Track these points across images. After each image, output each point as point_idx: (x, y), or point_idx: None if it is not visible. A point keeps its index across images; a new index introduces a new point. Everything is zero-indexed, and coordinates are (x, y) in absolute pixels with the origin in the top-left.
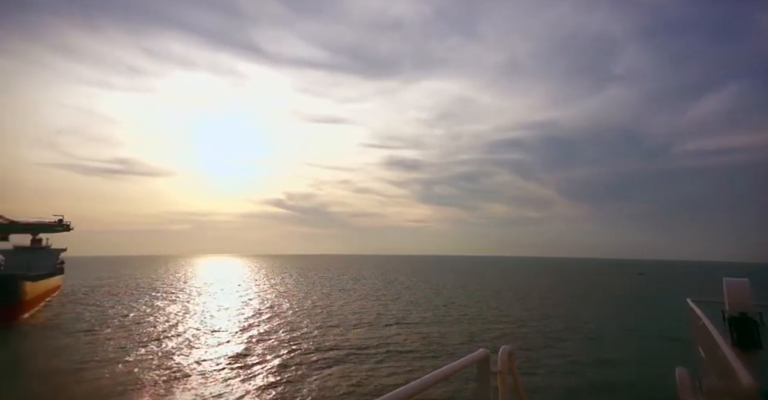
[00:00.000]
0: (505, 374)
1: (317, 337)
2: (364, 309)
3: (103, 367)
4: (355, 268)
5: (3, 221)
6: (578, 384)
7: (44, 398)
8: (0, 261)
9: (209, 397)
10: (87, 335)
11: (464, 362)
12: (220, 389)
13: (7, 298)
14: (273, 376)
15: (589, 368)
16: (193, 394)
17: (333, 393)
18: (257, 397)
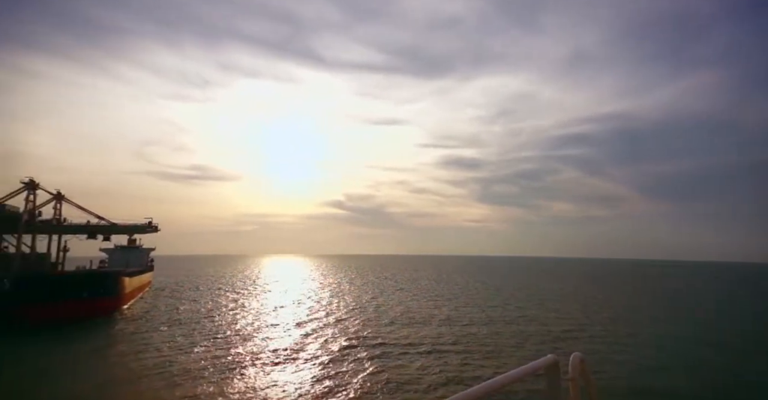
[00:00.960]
0: (578, 382)
1: (372, 333)
2: (420, 309)
3: (182, 350)
4: (412, 268)
5: (106, 224)
6: (652, 393)
7: (138, 368)
8: (105, 259)
9: (271, 384)
10: (173, 324)
11: (532, 367)
12: (279, 378)
13: (112, 291)
14: (328, 367)
15: (663, 376)
16: (255, 380)
17: (384, 390)
18: (312, 386)
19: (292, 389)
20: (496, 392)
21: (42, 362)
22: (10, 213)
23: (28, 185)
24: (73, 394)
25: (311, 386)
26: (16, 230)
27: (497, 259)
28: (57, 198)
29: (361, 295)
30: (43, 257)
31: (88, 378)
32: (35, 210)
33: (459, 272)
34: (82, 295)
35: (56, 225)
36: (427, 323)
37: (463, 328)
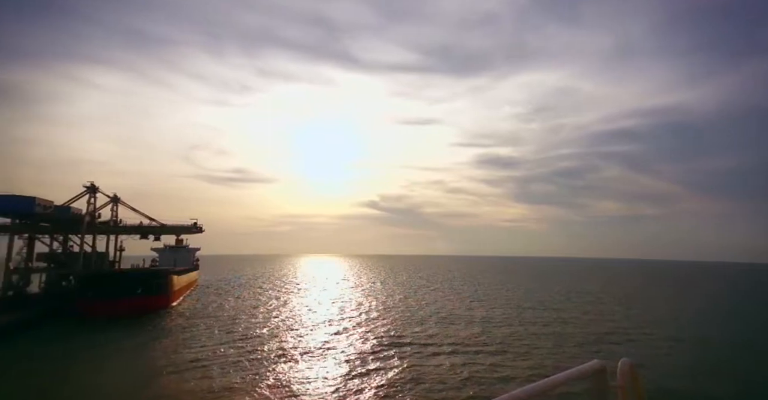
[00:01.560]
0: (627, 390)
1: (404, 332)
2: (454, 308)
3: (225, 344)
4: (446, 268)
5: (156, 225)
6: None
7: (185, 360)
8: (156, 258)
9: (303, 378)
10: (218, 320)
11: (577, 372)
12: (311, 372)
13: (163, 289)
14: (359, 363)
15: (716, 384)
16: (288, 373)
17: (413, 389)
18: (343, 382)
19: (323, 383)
20: (537, 398)
21: (105, 351)
22: (74, 215)
23: (89, 189)
24: (128, 380)
25: (342, 382)
26: (79, 230)
27: (535, 260)
28: (113, 201)
29: (394, 294)
30: (102, 256)
31: (140, 367)
32: (95, 212)
33: (494, 273)
34: (137, 292)
35: (113, 226)
36: (461, 322)
37: (497, 328)
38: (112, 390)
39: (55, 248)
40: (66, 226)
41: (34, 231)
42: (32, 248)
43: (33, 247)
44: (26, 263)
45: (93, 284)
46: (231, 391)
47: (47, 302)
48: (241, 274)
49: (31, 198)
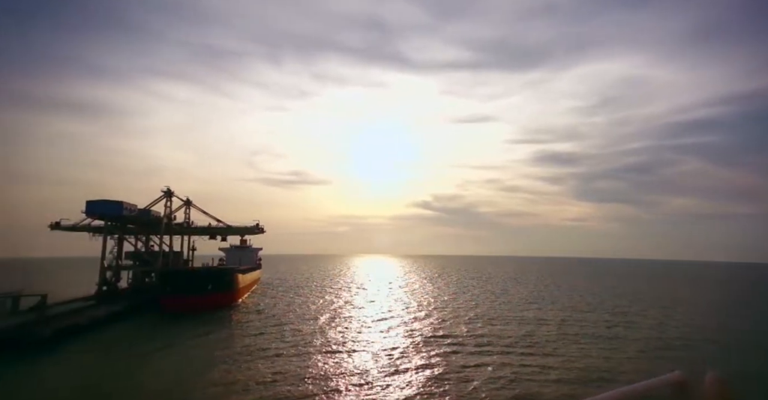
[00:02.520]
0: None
1: (459, 333)
2: (508, 309)
3: (287, 338)
4: (504, 269)
5: (223, 226)
6: None
7: (254, 350)
8: (223, 257)
9: (353, 370)
10: (279, 316)
11: (654, 383)
12: (361, 366)
13: (230, 287)
14: (408, 359)
15: None
16: (345, 364)
17: (475, 389)
18: (391, 377)
19: (363, 376)
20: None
21: (182, 341)
22: (154, 217)
23: (166, 194)
24: (201, 366)
25: (387, 376)
26: (158, 231)
27: (600, 261)
28: (186, 204)
29: (445, 294)
30: (178, 255)
31: (212, 355)
32: (171, 214)
33: (554, 274)
34: (208, 289)
35: (186, 227)
36: (513, 323)
37: (550, 329)
38: (188, 374)
39: (139, 247)
40: (148, 227)
41: (122, 232)
42: (121, 247)
43: (122, 246)
44: (117, 261)
45: (170, 280)
46: (291, 376)
47: (134, 297)
48: (300, 273)
49: (119, 202)
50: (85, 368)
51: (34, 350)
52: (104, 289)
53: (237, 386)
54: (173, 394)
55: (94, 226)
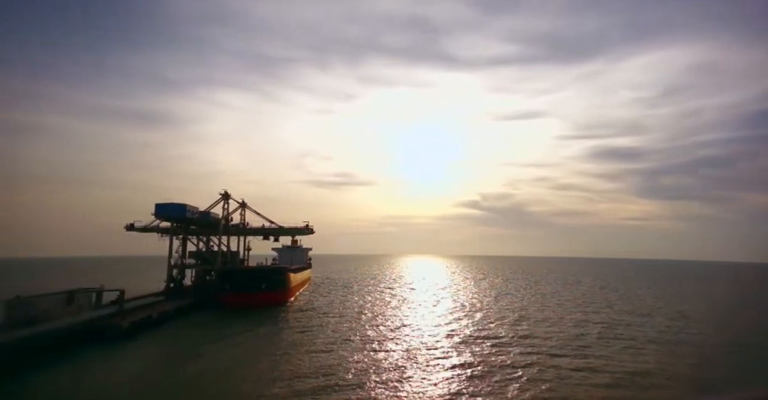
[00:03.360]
0: None
1: (504, 333)
2: (564, 313)
3: (335, 335)
4: (556, 271)
5: (275, 227)
6: None
7: (303, 345)
8: (276, 257)
9: (396, 366)
10: (329, 315)
11: (747, 396)
12: (405, 362)
13: (283, 285)
14: (453, 359)
15: None
16: (396, 366)
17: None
18: (439, 377)
19: (412, 374)
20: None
21: (239, 335)
22: (213, 219)
23: (223, 197)
24: (252, 359)
25: (431, 374)
26: (217, 231)
27: (666, 263)
28: (242, 206)
29: (493, 294)
30: (235, 255)
31: (268, 348)
32: (228, 216)
33: (611, 276)
34: (262, 287)
35: (242, 228)
36: (564, 326)
37: (602, 335)
38: (241, 364)
39: (200, 247)
40: (208, 228)
41: (186, 233)
42: (185, 247)
43: (186, 246)
44: (181, 260)
45: (229, 279)
46: (336, 370)
47: (197, 294)
48: (348, 272)
49: (183, 205)
50: (156, 356)
51: (115, 339)
52: (171, 286)
53: (283, 377)
54: (227, 380)
55: (162, 227)
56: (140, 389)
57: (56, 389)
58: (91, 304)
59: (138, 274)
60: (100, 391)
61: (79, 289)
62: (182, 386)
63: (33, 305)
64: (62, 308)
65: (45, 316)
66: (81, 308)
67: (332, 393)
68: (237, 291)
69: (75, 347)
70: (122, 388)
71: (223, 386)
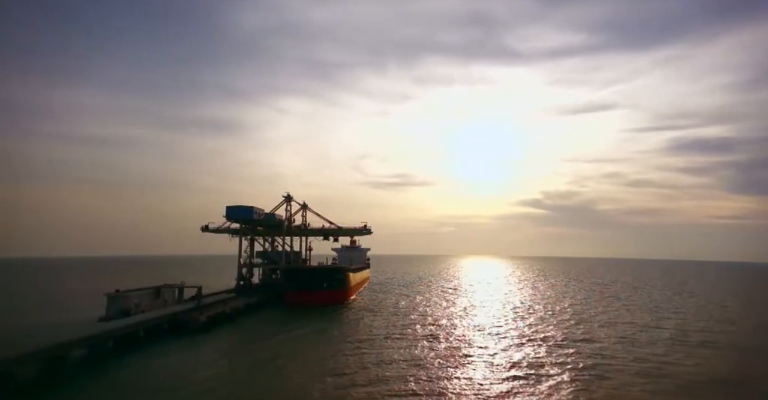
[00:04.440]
0: None
1: (566, 336)
2: (632, 318)
3: (392, 333)
4: (629, 273)
5: (335, 228)
6: None
7: (361, 341)
8: (335, 257)
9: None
10: (389, 315)
11: None
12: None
13: (343, 284)
14: (516, 366)
15: None
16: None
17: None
18: (497, 383)
19: (469, 374)
20: None
21: (300, 331)
22: (277, 220)
23: (286, 199)
24: (313, 353)
25: (485, 374)
26: (281, 232)
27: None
28: (303, 208)
29: (556, 297)
30: (297, 254)
31: (322, 345)
32: (291, 217)
33: (699, 282)
34: (323, 286)
35: (304, 229)
36: (636, 333)
37: (672, 341)
38: (303, 357)
39: (266, 247)
40: (272, 229)
41: (253, 233)
42: (253, 247)
43: (253, 246)
44: (250, 259)
45: (292, 277)
46: (392, 366)
47: (263, 291)
48: (405, 272)
49: (250, 207)
50: (229, 347)
51: (195, 331)
52: (241, 283)
53: (342, 370)
54: (292, 370)
55: (232, 228)
56: (217, 374)
57: (150, 371)
58: (175, 299)
59: (212, 272)
60: (184, 374)
61: (164, 285)
62: (251, 373)
63: (128, 298)
64: (151, 302)
65: (137, 308)
66: (166, 303)
67: (386, 387)
68: (300, 289)
69: (162, 337)
70: (202, 372)
71: (286, 373)
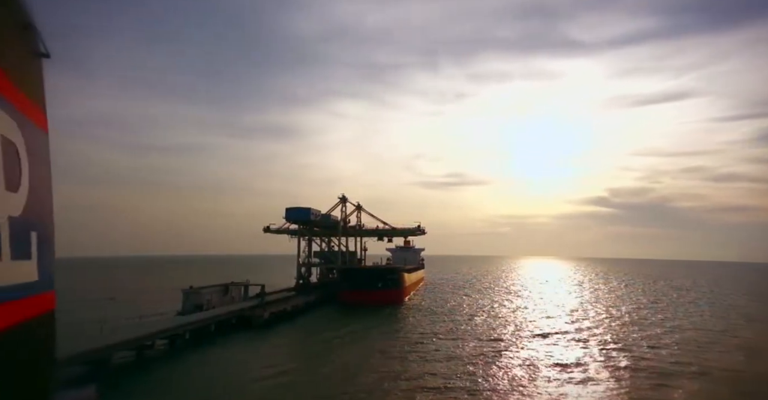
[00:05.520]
0: None
1: (636, 345)
2: (715, 329)
3: (447, 335)
4: (714, 276)
5: (388, 228)
6: None
7: (415, 342)
8: (389, 257)
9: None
10: (444, 316)
11: None
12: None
13: (398, 284)
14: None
15: None
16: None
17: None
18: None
19: (524, 383)
20: None
21: (356, 329)
22: (333, 221)
23: (341, 200)
24: (366, 350)
25: (541, 384)
26: (337, 233)
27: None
28: (357, 209)
29: (624, 302)
30: (352, 254)
31: (375, 343)
32: (346, 218)
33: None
34: (378, 286)
35: (358, 229)
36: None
37: None
38: (357, 354)
39: (323, 247)
40: (328, 230)
41: (311, 234)
42: (310, 247)
43: (311, 247)
44: (308, 259)
45: (348, 277)
46: (444, 370)
47: (321, 290)
48: (461, 274)
49: (307, 209)
50: (291, 343)
51: (259, 327)
52: (300, 282)
53: (393, 371)
54: (348, 366)
55: (291, 229)
56: (280, 366)
57: (221, 361)
58: (241, 296)
59: (273, 271)
60: (251, 365)
61: (231, 283)
62: (311, 366)
63: (200, 294)
64: (220, 298)
65: (209, 304)
66: (233, 299)
67: (436, 390)
68: (355, 289)
69: (230, 331)
70: (266, 364)
71: (342, 368)
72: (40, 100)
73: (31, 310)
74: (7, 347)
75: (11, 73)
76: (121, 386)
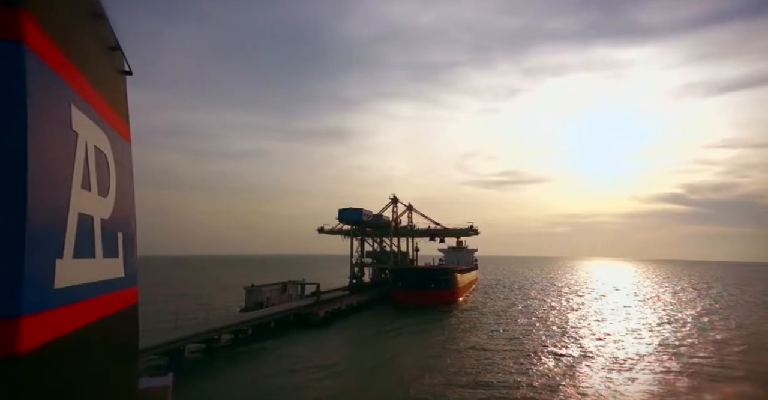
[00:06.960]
0: None
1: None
2: None
3: (500, 336)
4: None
5: (440, 228)
6: None
7: (466, 343)
8: (442, 258)
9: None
10: (496, 316)
11: None
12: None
13: (451, 285)
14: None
15: None
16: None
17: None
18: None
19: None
20: None
21: (409, 329)
22: (384, 221)
23: (392, 200)
24: (418, 350)
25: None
26: (388, 233)
27: None
28: (408, 209)
29: (699, 309)
30: (404, 255)
31: (427, 344)
32: (397, 218)
33: None
34: (431, 287)
35: (410, 230)
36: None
37: None
38: (409, 353)
39: (375, 248)
40: (380, 230)
41: (363, 234)
42: (363, 247)
43: (363, 247)
44: (361, 259)
45: (401, 277)
46: (494, 371)
47: (374, 290)
48: (516, 275)
49: (359, 210)
50: (346, 340)
51: (315, 325)
52: (353, 282)
53: (443, 370)
54: (397, 363)
55: (344, 230)
56: (336, 363)
57: (281, 356)
58: (298, 294)
59: (327, 270)
60: (309, 361)
61: (289, 281)
62: (366, 364)
63: (261, 292)
64: (279, 296)
65: (269, 302)
66: (290, 297)
67: (486, 390)
68: (408, 289)
69: (288, 328)
70: (323, 360)
71: (392, 365)
72: (125, 113)
73: (119, 304)
74: (99, 335)
75: (102, 91)
76: (193, 373)
